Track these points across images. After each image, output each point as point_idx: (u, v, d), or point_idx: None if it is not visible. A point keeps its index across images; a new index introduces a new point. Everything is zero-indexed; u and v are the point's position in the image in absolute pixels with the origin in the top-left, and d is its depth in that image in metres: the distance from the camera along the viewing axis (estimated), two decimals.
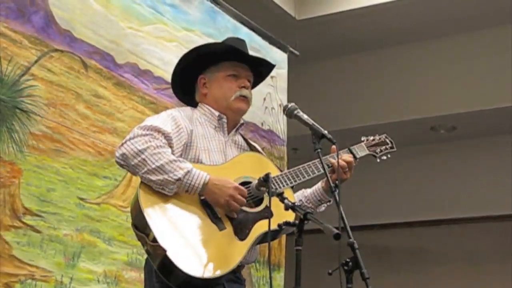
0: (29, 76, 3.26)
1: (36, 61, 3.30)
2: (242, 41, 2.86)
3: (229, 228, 2.48)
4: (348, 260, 2.11)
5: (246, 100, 2.74)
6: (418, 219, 7.72)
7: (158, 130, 2.49)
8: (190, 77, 2.80)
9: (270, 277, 2.67)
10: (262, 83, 2.98)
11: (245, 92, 2.73)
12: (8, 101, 3.14)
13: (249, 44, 4.52)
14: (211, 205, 2.49)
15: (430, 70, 6.68)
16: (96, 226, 3.47)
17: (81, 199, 3.42)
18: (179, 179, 2.41)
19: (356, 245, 2.12)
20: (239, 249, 2.47)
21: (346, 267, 2.11)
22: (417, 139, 7.35)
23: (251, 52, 2.86)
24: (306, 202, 2.79)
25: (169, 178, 2.41)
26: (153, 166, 2.41)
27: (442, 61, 6.62)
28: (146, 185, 2.45)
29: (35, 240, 3.16)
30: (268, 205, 2.44)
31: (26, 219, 3.14)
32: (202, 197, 2.49)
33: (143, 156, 2.42)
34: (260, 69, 2.87)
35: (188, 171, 2.43)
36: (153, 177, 2.41)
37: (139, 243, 2.48)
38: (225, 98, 2.72)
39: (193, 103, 2.83)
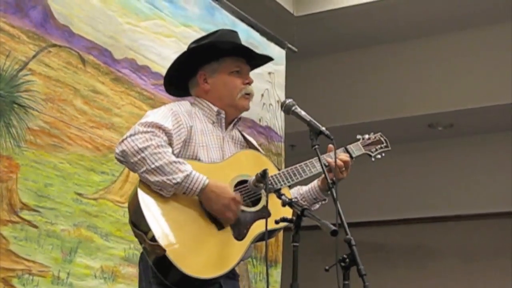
0: (27, 71, 3.25)
1: (34, 56, 3.29)
2: (235, 33, 2.83)
3: (227, 228, 2.47)
4: (345, 256, 2.11)
5: (250, 97, 2.75)
6: (416, 215, 7.73)
7: (159, 127, 2.47)
8: (187, 70, 2.77)
9: (267, 274, 2.65)
10: (260, 79, 2.98)
11: (249, 89, 2.73)
12: (6, 96, 3.14)
13: (247, 40, 4.53)
14: None
15: (428, 67, 6.67)
16: (93, 222, 3.47)
17: (79, 194, 3.42)
18: (177, 183, 2.40)
19: (353, 242, 2.12)
20: (237, 249, 2.46)
21: (343, 264, 2.11)
22: (415, 136, 7.35)
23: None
24: (301, 199, 2.78)
25: (168, 182, 2.38)
26: (153, 166, 2.38)
27: (440, 58, 6.62)
28: (145, 182, 2.44)
29: (32, 235, 3.16)
30: (266, 201, 2.44)
31: (23, 214, 3.14)
32: None
33: (143, 155, 2.39)
34: (255, 62, 2.85)
35: (187, 175, 2.41)
36: (152, 178, 2.39)
37: (136, 239, 2.47)
38: (231, 96, 2.70)
39: (184, 96, 2.83)
